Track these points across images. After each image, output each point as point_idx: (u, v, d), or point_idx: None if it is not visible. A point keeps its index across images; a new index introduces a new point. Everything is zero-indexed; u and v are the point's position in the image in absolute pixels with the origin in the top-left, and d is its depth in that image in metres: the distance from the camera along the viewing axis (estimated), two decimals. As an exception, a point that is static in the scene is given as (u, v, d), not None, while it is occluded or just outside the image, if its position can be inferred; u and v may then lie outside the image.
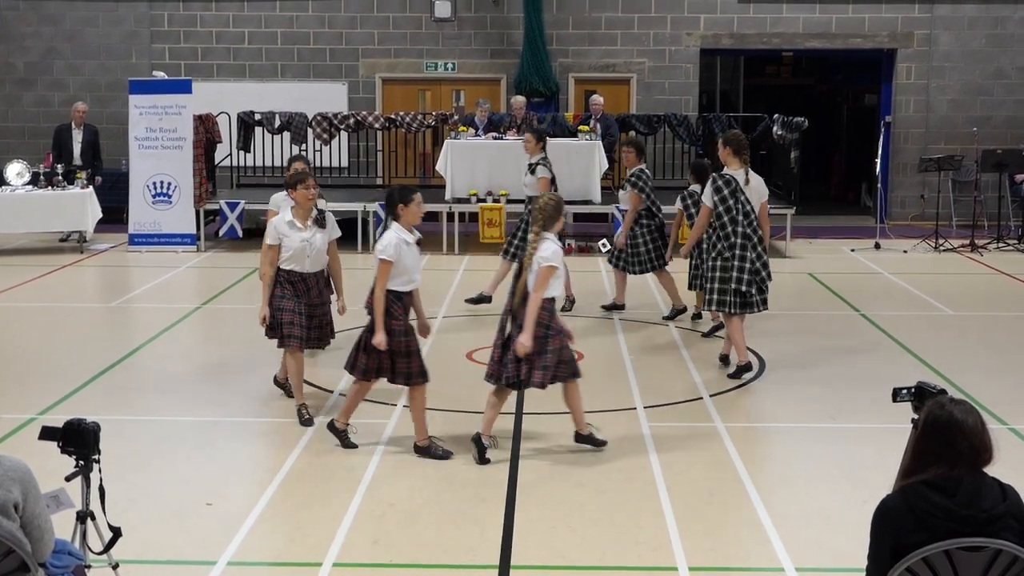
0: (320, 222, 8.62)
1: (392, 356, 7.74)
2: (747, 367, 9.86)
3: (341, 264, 8.93)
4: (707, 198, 9.92)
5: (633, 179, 12.00)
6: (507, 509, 6.83)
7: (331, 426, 8.03)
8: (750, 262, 9.74)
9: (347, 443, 7.96)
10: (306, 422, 8.46)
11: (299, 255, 8.48)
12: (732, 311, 9.79)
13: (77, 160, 17.54)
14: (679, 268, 12.01)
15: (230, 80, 20.42)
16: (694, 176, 11.58)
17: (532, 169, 12.07)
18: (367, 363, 7.78)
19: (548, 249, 7.64)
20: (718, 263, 9.81)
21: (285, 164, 11.09)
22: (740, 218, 9.69)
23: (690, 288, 11.61)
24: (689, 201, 11.50)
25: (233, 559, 6.14)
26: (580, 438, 7.94)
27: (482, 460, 7.64)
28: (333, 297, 8.95)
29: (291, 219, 8.51)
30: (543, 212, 7.71)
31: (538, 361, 7.59)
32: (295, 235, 8.48)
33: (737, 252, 9.72)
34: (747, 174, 9.83)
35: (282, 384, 9.24)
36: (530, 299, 7.57)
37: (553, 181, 12.04)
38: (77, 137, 17.76)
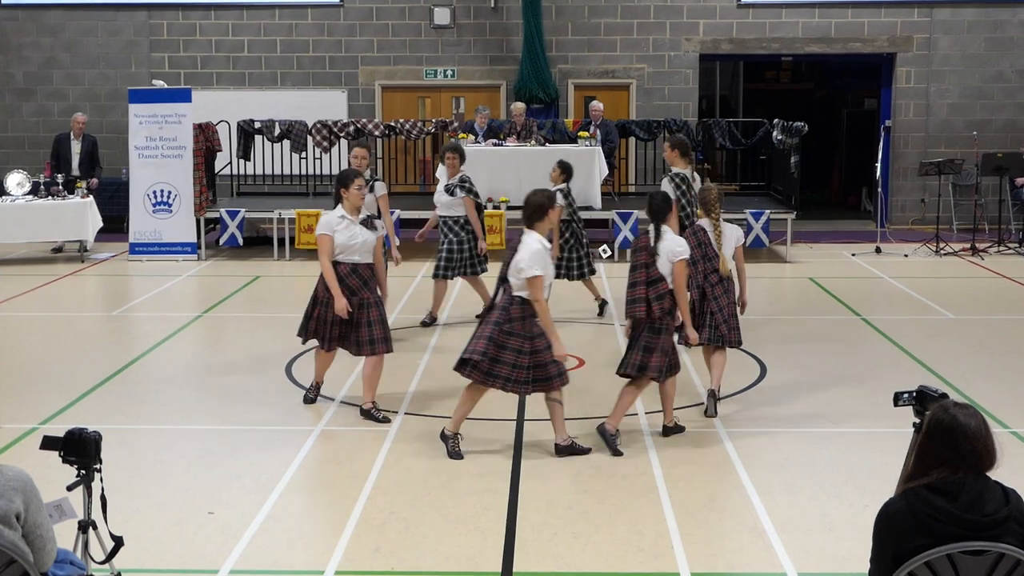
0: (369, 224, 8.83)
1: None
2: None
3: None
4: (671, 193, 10.79)
5: (467, 184, 12.13)
6: (509, 516, 6.82)
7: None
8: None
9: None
10: (455, 455, 7.94)
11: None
12: None
13: (76, 170, 17.53)
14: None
15: (230, 88, 20.44)
16: (563, 175, 12.29)
17: (371, 187, 10.97)
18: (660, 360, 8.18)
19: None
20: None
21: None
22: (689, 211, 10.65)
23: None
24: (571, 199, 12.37)
25: (235, 568, 6.13)
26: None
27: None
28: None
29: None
30: (721, 200, 9.02)
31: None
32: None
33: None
34: (692, 172, 11.04)
35: (369, 412, 8.79)
36: (741, 268, 8.95)
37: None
38: (76, 147, 17.75)
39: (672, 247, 8.11)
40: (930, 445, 4.12)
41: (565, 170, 12.34)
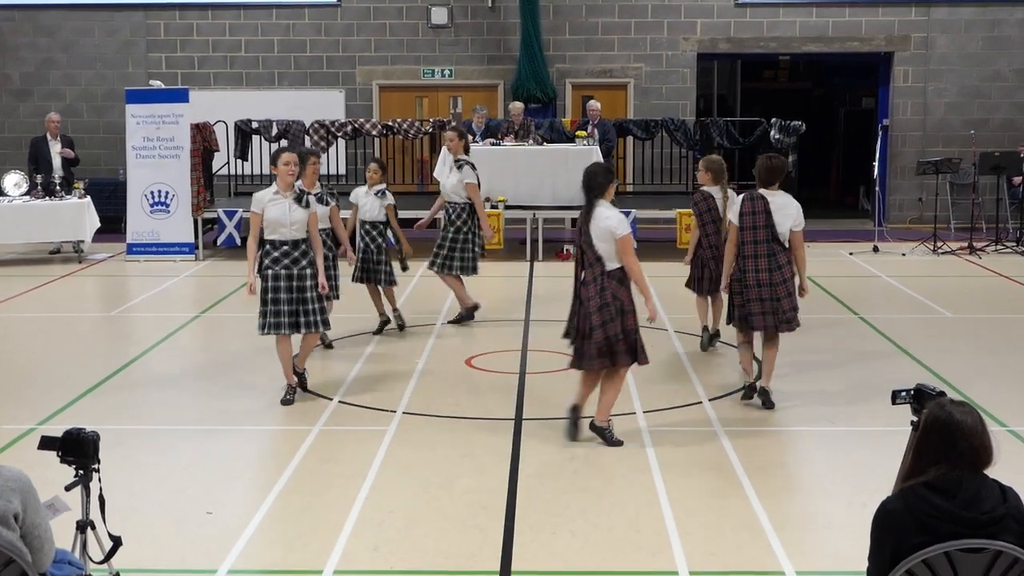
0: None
1: None
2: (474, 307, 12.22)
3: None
4: (473, 177, 11.97)
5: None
6: (507, 515, 6.82)
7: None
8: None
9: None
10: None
11: None
12: (456, 273, 12.08)
13: (58, 170, 17.39)
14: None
15: (227, 88, 20.44)
16: (383, 175, 12.12)
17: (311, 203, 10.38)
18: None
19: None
20: (466, 235, 12.07)
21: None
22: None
23: None
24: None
25: (233, 567, 6.13)
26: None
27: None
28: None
29: None
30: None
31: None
32: None
33: (476, 220, 12.18)
34: None
35: None
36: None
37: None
38: (55, 148, 17.62)
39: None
40: (927, 442, 4.13)
41: (384, 168, 12.07)
